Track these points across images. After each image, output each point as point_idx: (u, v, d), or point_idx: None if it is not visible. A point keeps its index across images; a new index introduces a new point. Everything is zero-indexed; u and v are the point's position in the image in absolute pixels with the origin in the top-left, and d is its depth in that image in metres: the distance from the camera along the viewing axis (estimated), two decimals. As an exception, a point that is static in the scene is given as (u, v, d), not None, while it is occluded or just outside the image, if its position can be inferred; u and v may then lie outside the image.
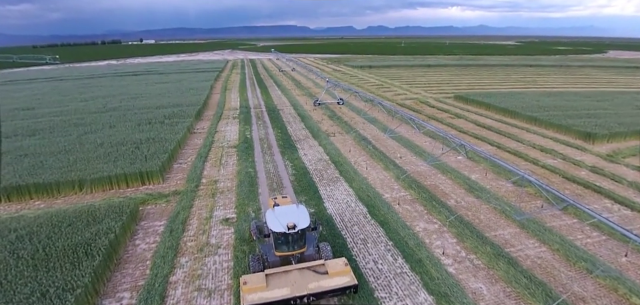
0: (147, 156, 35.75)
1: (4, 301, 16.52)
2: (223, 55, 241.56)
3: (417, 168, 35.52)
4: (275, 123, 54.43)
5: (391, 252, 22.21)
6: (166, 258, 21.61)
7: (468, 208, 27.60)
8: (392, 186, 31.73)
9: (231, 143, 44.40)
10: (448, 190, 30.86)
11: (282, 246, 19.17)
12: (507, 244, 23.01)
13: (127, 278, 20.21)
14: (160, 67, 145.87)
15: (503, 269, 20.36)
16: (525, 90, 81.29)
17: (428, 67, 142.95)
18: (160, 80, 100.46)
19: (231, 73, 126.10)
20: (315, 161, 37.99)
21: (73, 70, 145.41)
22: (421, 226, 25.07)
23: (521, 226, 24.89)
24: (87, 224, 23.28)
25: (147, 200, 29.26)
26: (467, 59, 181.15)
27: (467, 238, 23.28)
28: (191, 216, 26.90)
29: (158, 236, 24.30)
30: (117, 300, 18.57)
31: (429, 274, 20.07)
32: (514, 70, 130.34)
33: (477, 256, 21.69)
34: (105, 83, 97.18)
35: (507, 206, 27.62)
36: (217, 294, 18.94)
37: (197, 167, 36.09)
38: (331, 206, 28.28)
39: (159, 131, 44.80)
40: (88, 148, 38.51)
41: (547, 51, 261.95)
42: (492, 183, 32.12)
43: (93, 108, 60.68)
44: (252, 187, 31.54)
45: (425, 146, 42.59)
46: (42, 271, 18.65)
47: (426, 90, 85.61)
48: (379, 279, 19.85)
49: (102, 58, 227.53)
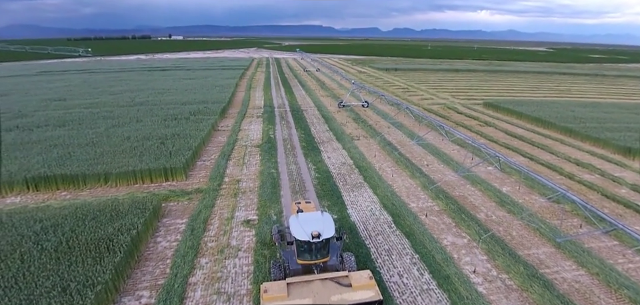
0: (171, 152, 35.88)
1: (25, 293, 16.51)
2: (248, 53, 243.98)
3: (445, 178, 34.22)
4: (299, 124, 53.96)
5: (417, 266, 21.20)
6: (186, 258, 21.34)
7: (499, 222, 26.22)
8: (418, 195, 30.61)
9: (254, 142, 44.17)
10: (477, 202, 29.50)
11: (304, 254, 18.50)
12: (542, 264, 21.61)
13: (146, 276, 20.01)
14: (187, 63, 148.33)
15: (537, 292, 19.04)
16: (558, 99, 77.98)
17: (455, 72, 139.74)
18: (187, 76, 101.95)
19: (256, 71, 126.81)
20: (339, 165, 37.23)
21: (103, 64, 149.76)
22: (449, 240, 23.92)
23: (557, 246, 23.36)
24: (111, 218, 23.31)
25: (170, 197, 29.22)
26: (496, 65, 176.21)
27: (499, 256, 22.00)
28: (212, 215, 26.64)
29: (179, 234, 24.10)
30: (136, 298, 18.36)
31: (458, 292, 18.97)
32: (546, 78, 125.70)
33: (509, 276, 20.42)
34: (134, 77, 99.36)
35: (542, 223, 26.06)
36: (236, 299, 18.46)
37: (220, 165, 35.96)
38: (354, 213, 27.46)
39: (184, 127, 45.08)
40: (115, 142, 39.03)
41: (581, 59, 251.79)
42: (525, 197, 30.53)
43: (121, 102, 61.89)
44: (274, 189, 31.07)
45: (452, 154, 41.12)
46: (64, 264, 18.64)
47: (453, 95, 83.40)
48: (403, 294, 18.92)
49: (132, 52, 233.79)
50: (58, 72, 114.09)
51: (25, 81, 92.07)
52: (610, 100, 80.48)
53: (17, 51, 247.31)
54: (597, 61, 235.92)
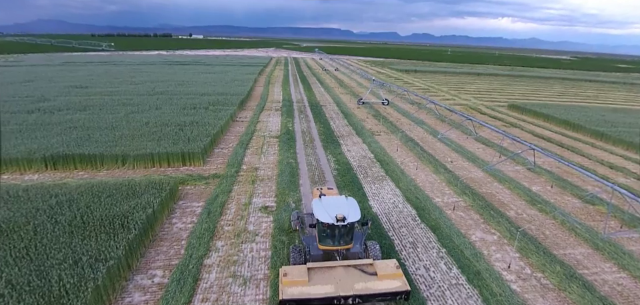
0: (189, 138, 35.37)
1: (36, 264, 15.93)
2: (267, 52, 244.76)
3: (470, 175, 32.69)
4: (318, 118, 52.99)
5: (444, 260, 19.89)
6: (202, 240, 20.55)
7: (530, 221, 24.64)
8: (443, 190, 29.20)
9: (273, 133, 43.39)
10: (506, 200, 27.92)
11: (326, 240, 17.43)
12: (580, 265, 20.02)
13: (160, 256, 19.27)
14: (206, 59, 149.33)
15: (576, 293, 17.52)
16: (586, 105, 75.04)
17: (477, 75, 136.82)
18: (206, 70, 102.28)
19: (275, 69, 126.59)
20: (359, 158, 36.06)
21: (125, 57, 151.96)
22: (478, 236, 22.50)
23: (595, 247, 21.71)
24: (126, 196, 22.74)
25: (187, 181, 28.59)
26: (519, 70, 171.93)
27: (532, 254, 20.49)
28: (229, 200, 25.84)
29: (195, 216, 23.37)
30: (149, 277, 17.62)
31: (490, 289, 17.59)
32: (571, 84, 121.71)
33: (545, 275, 18.91)
34: (154, 70, 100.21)
35: (577, 223, 24.38)
36: (252, 283, 17.52)
37: (238, 153, 35.25)
38: (376, 204, 26.26)
39: (202, 116, 44.62)
40: (133, 126, 38.80)
41: (607, 68, 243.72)
42: (557, 197, 28.79)
43: (141, 91, 62.11)
44: (293, 177, 30.12)
45: (477, 152, 39.46)
46: (77, 238, 18.06)
47: (476, 97, 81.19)
48: (431, 288, 17.65)
49: (153, 49, 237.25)
50: (81, 63, 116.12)
51: (49, 70, 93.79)
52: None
53: (42, 44, 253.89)
54: (624, 71, 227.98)
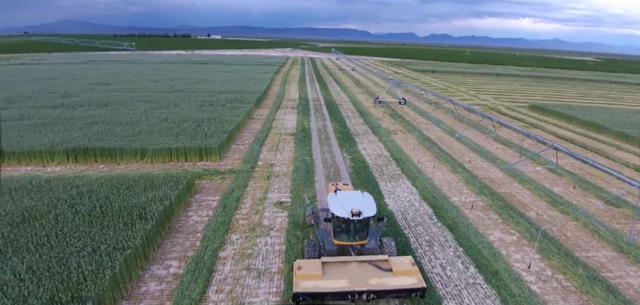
0: (206, 133, 35.77)
1: (56, 252, 16.30)
2: (283, 52, 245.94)
3: (489, 175, 32.03)
4: (334, 116, 52.87)
5: (461, 259, 19.48)
6: (217, 233, 20.70)
7: (551, 222, 23.93)
8: (461, 189, 28.67)
9: (289, 131, 43.49)
10: (526, 200, 27.21)
11: (341, 235, 17.31)
12: (603, 268, 19.32)
13: (176, 247, 19.49)
14: (224, 59, 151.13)
15: (600, 296, 16.90)
16: (611, 106, 72.67)
17: (497, 76, 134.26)
18: (223, 69, 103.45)
19: (291, 68, 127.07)
20: (375, 156, 35.77)
21: (145, 56, 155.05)
22: (496, 236, 21.97)
23: (620, 250, 20.94)
24: (145, 189, 23.09)
25: (203, 175, 28.90)
26: (541, 71, 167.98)
27: (553, 256, 19.88)
28: (244, 195, 25.98)
29: (211, 210, 23.56)
30: (164, 267, 17.82)
31: (508, 289, 17.13)
32: (596, 86, 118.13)
33: (566, 277, 18.31)
34: (174, 68, 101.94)
35: (600, 225, 23.57)
36: (266, 276, 17.52)
37: (254, 150, 35.45)
38: (392, 202, 25.96)
39: (219, 113, 45.09)
40: (152, 122, 39.46)
41: (634, 69, 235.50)
42: (579, 198, 27.91)
43: (160, 88, 63.21)
44: (308, 174, 30.08)
45: (496, 152, 38.65)
46: (96, 227, 18.41)
47: (495, 97, 79.66)
48: (447, 287, 17.30)
49: (172, 48, 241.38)
50: (103, 62, 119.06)
51: (72, 68, 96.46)
52: (671, 110, 74.10)
53: (67, 43, 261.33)
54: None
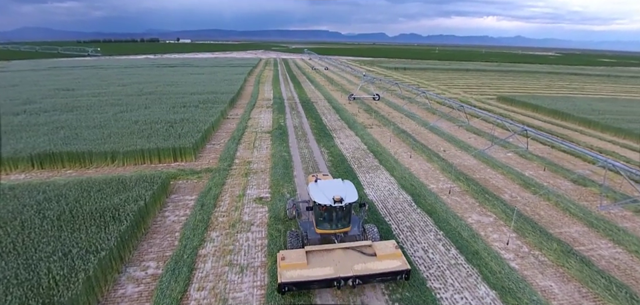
0: (180, 134, 34.84)
1: (23, 258, 15.39)
2: (256, 54, 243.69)
3: (463, 162, 32.77)
4: (309, 114, 52.76)
5: (442, 242, 19.79)
6: (196, 231, 20.14)
7: (525, 203, 24.72)
8: (437, 177, 29.18)
9: (265, 129, 43.03)
10: (500, 184, 28.01)
11: (324, 224, 17.22)
12: (576, 242, 20.10)
13: (154, 248, 18.81)
14: (195, 62, 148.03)
15: (575, 268, 17.54)
16: (574, 96, 76.11)
17: (465, 71, 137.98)
18: (195, 72, 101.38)
19: (264, 69, 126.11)
20: (353, 149, 35.91)
21: (113, 61, 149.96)
22: (474, 218, 22.47)
23: (590, 225, 21.86)
24: (117, 191, 22.21)
25: (179, 176, 28.11)
26: (507, 66, 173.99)
27: (529, 234, 20.52)
28: (222, 192, 25.44)
29: (188, 209, 22.93)
30: (142, 269, 17.15)
31: (489, 267, 17.53)
32: (558, 78, 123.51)
33: (542, 252, 18.94)
34: (143, 72, 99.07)
35: (571, 203, 24.53)
36: (249, 270, 17.17)
37: (230, 148, 34.84)
38: (372, 192, 26.10)
39: (193, 113, 44.09)
40: (122, 125, 38.09)
41: (591, 62, 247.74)
42: (549, 180, 28.98)
43: (129, 92, 61.22)
44: (287, 169, 29.82)
45: (469, 141, 39.63)
46: (67, 231, 17.51)
47: (465, 91, 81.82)
48: (430, 269, 17.51)
49: (140, 53, 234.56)
50: (67, 68, 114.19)
51: (35, 75, 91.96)
52: (627, 97, 78.40)
53: (26, 51, 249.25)
54: (608, 65, 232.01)
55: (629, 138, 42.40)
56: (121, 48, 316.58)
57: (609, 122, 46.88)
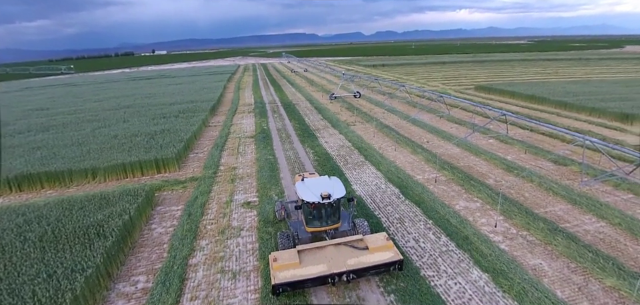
0: (162, 145, 34.20)
1: (6, 283, 14.82)
2: (234, 61, 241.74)
3: (447, 151, 33.22)
4: (292, 116, 52.62)
5: (433, 231, 19.99)
6: (185, 241, 19.76)
7: (510, 186, 25.20)
8: (423, 168, 29.50)
9: (248, 134, 42.67)
10: (484, 170, 28.50)
11: (314, 222, 17.16)
12: (561, 220, 20.60)
13: (142, 262, 18.38)
14: (172, 73, 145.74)
15: (562, 244, 17.97)
16: (548, 80, 78.18)
17: (442, 64, 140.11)
18: (173, 82, 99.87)
19: (244, 75, 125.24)
20: (337, 147, 35.96)
21: (87, 78, 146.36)
22: (462, 205, 22.79)
23: (573, 203, 22.45)
24: (100, 207, 21.65)
25: (163, 187, 27.58)
26: (481, 56, 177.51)
27: (515, 215, 20.94)
28: (209, 200, 25.08)
29: (175, 220, 22.51)
30: (131, 284, 16.73)
31: (479, 251, 17.79)
32: (532, 64, 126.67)
33: (530, 232, 19.34)
34: (119, 86, 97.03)
35: (553, 183, 25.15)
36: (242, 275, 16.96)
37: (214, 156, 34.40)
38: (359, 188, 26.17)
39: (173, 123, 43.37)
40: (101, 140, 37.16)
41: (562, 48, 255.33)
42: (531, 162, 29.66)
43: (106, 107, 59.78)
44: (273, 172, 29.63)
45: (451, 131, 40.23)
46: (50, 252, 16.94)
47: (444, 83, 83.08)
48: (423, 257, 17.65)
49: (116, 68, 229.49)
50: (40, 88, 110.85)
51: (6, 97, 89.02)
52: (598, 78, 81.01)
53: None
54: (578, 49, 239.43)
55: (604, 117, 43.83)
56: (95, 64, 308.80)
57: (584, 102, 48.32)
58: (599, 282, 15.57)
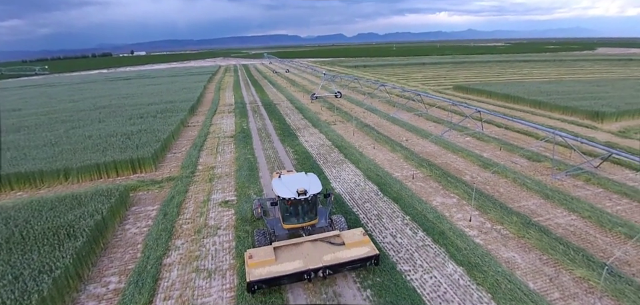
0: (138, 145, 33.46)
1: (-31, 285, 14.20)
2: (215, 62, 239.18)
3: (425, 149, 33.63)
4: (273, 115, 52.35)
5: (410, 226, 20.16)
6: (159, 241, 19.35)
7: (485, 182, 25.69)
8: (401, 165, 29.77)
9: (228, 134, 42.22)
10: (461, 167, 28.97)
11: (291, 219, 17.07)
12: (534, 214, 21.10)
13: (115, 263, 17.90)
14: (151, 73, 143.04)
15: (535, 237, 18.41)
16: (523, 81, 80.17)
17: (422, 65, 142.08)
18: (152, 82, 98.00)
19: (224, 76, 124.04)
20: (318, 146, 35.95)
21: (63, 79, 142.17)
22: (438, 201, 23.09)
23: (546, 197, 23.03)
24: (71, 207, 20.98)
25: (139, 187, 26.98)
26: (460, 58, 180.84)
27: (490, 210, 21.33)
28: (186, 199, 24.67)
29: (150, 220, 22.04)
30: (103, 285, 16.28)
31: (455, 245, 18.03)
32: (508, 65, 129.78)
33: (504, 226, 19.74)
34: (96, 87, 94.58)
35: (527, 179, 25.77)
36: (217, 274, 16.72)
37: (192, 155, 33.88)
38: (338, 185, 26.20)
39: (151, 123, 42.52)
40: (75, 141, 36.12)
41: (537, 50, 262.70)
42: (506, 159, 30.30)
43: (82, 108, 58.14)
44: (252, 171, 29.38)
45: (430, 129, 40.77)
46: (17, 254, 16.33)
47: (423, 83, 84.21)
48: (399, 252, 17.77)
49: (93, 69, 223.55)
50: (12, 88, 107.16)
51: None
52: (571, 78, 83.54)
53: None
54: (552, 51, 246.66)
55: (575, 115, 45.23)
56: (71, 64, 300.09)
57: (557, 101, 49.74)
58: (570, 273, 15.99)
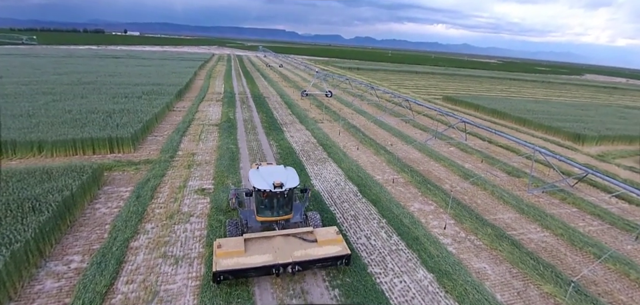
0: (119, 124, 32.68)
1: None
2: (209, 50, 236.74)
3: (409, 155, 33.66)
4: (261, 108, 51.88)
5: (385, 229, 20.06)
6: (129, 223, 18.85)
7: (464, 192, 25.78)
8: (383, 169, 29.70)
9: (213, 122, 41.63)
10: (442, 175, 29.04)
11: (265, 211, 16.76)
12: (508, 227, 21.23)
13: (80, 241, 17.35)
14: (143, 54, 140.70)
15: (507, 250, 18.50)
16: (511, 98, 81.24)
17: (415, 73, 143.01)
18: (141, 64, 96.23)
19: (217, 64, 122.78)
20: (302, 143, 35.68)
21: (50, 50, 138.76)
22: (416, 207, 23.06)
23: (521, 212, 23.22)
24: (40, 181, 20.27)
25: (114, 167, 26.31)
26: (452, 70, 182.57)
27: (466, 220, 21.38)
28: (162, 184, 24.14)
29: (122, 201, 21.47)
30: (64, 263, 15.73)
31: (428, 251, 17.98)
32: (498, 82, 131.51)
33: (478, 237, 19.79)
34: (83, 62, 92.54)
35: (505, 192, 25.95)
36: (185, 261, 16.32)
37: (174, 140, 33.26)
38: (318, 183, 25.98)
39: (134, 104, 41.60)
40: (54, 114, 35.10)
41: (528, 70, 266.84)
42: (487, 172, 30.50)
43: (65, 81, 56.71)
44: (233, 161, 28.97)
45: (415, 135, 40.87)
46: (-25, 224, 15.68)
47: (414, 91, 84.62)
48: (372, 254, 17.64)
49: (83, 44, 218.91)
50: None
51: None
52: (558, 100, 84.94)
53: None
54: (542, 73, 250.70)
55: (558, 135, 45.93)
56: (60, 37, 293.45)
57: (541, 120, 50.45)
58: (537, 288, 16.07)
